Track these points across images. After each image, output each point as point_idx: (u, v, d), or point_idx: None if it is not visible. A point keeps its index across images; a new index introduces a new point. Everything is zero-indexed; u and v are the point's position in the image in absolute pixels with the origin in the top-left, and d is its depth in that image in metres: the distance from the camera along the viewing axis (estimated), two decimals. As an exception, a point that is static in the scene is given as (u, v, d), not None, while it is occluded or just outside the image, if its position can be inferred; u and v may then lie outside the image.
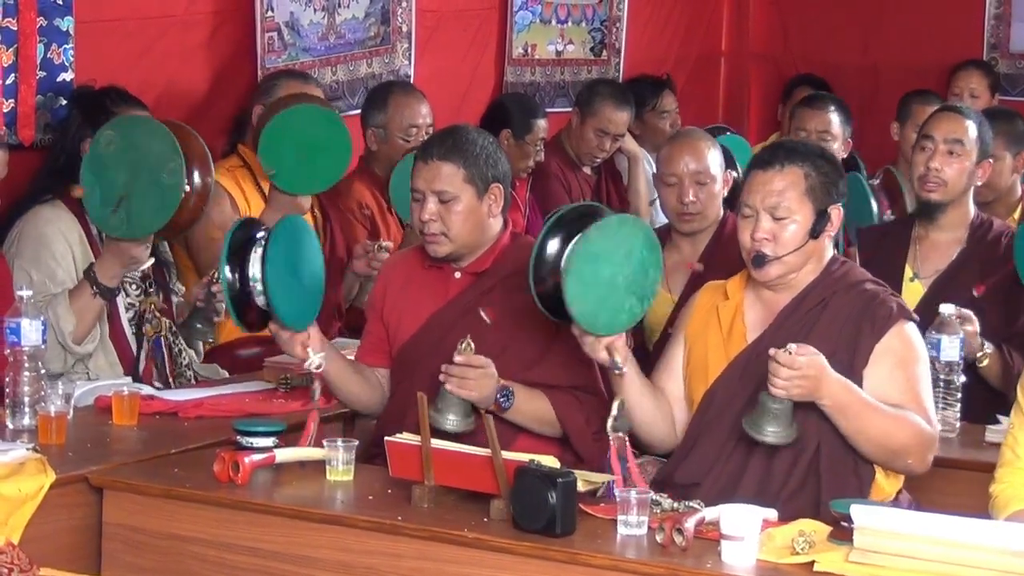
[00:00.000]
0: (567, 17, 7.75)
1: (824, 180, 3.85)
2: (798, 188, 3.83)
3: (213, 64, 5.93)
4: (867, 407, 3.72)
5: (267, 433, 3.87)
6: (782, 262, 3.84)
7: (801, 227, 3.83)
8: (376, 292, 4.36)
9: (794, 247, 3.83)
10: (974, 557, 3.15)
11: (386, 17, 6.56)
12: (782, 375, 3.63)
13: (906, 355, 3.82)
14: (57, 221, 4.74)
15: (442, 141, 4.15)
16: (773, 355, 3.64)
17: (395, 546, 3.56)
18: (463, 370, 3.94)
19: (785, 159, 3.86)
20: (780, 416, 3.68)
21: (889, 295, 3.90)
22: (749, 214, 3.87)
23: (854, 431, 3.73)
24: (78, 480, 3.84)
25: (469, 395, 3.95)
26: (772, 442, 3.70)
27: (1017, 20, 8.07)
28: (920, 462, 3.78)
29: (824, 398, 3.68)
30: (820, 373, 3.65)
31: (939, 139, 4.91)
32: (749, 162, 4.02)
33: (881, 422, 3.72)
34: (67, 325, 4.57)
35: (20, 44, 5.08)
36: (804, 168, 3.84)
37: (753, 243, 3.85)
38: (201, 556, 3.77)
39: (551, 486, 3.41)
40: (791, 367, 3.62)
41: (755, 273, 3.88)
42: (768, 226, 3.84)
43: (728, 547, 3.30)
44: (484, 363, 3.96)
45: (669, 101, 7.52)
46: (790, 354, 3.63)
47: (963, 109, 5.11)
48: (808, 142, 4.11)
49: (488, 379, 3.97)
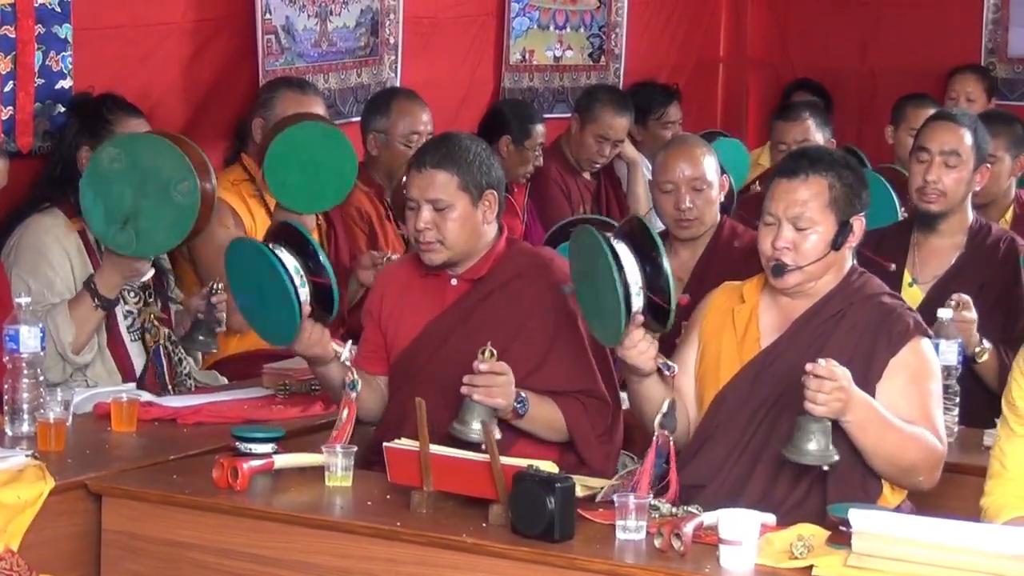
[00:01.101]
0: (565, 23, 7.75)
1: (847, 191, 3.83)
2: (822, 199, 3.80)
3: (212, 70, 5.93)
4: (886, 424, 3.69)
5: (266, 439, 3.87)
6: (802, 271, 3.83)
7: (823, 238, 3.82)
8: (373, 300, 4.36)
9: (815, 258, 3.82)
10: (972, 561, 3.15)
11: (375, 28, 6.56)
12: (825, 388, 3.57)
13: (920, 371, 3.81)
14: (55, 229, 4.74)
15: (435, 149, 4.15)
16: (811, 369, 3.58)
17: (394, 552, 3.56)
18: (489, 378, 3.91)
19: (810, 169, 3.82)
20: (822, 434, 3.60)
21: (906, 309, 3.88)
22: (771, 222, 3.85)
23: (872, 448, 3.70)
24: (77, 487, 3.84)
25: (495, 403, 3.92)
26: (817, 463, 3.62)
27: (1015, 25, 8.07)
28: (929, 479, 3.78)
29: (850, 414, 3.63)
30: (851, 388, 3.62)
31: (935, 151, 4.90)
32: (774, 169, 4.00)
33: (897, 439, 3.70)
34: (66, 335, 4.57)
35: (18, 51, 5.07)
36: (828, 179, 3.81)
37: (773, 251, 3.84)
38: (200, 562, 3.77)
39: (549, 491, 3.41)
40: (832, 378, 3.57)
41: (774, 281, 3.87)
42: (790, 235, 3.82)
43: (726, 552, 3.30)
44: (506, 369, 3.94)
45: (675, 111, 7.51)
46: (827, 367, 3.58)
47: (957, 116, 5.06)
48: (832, 150, 4.08)
49: (511, 386, 3.96)
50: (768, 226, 3.86)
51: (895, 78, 8.04)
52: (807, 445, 3.61)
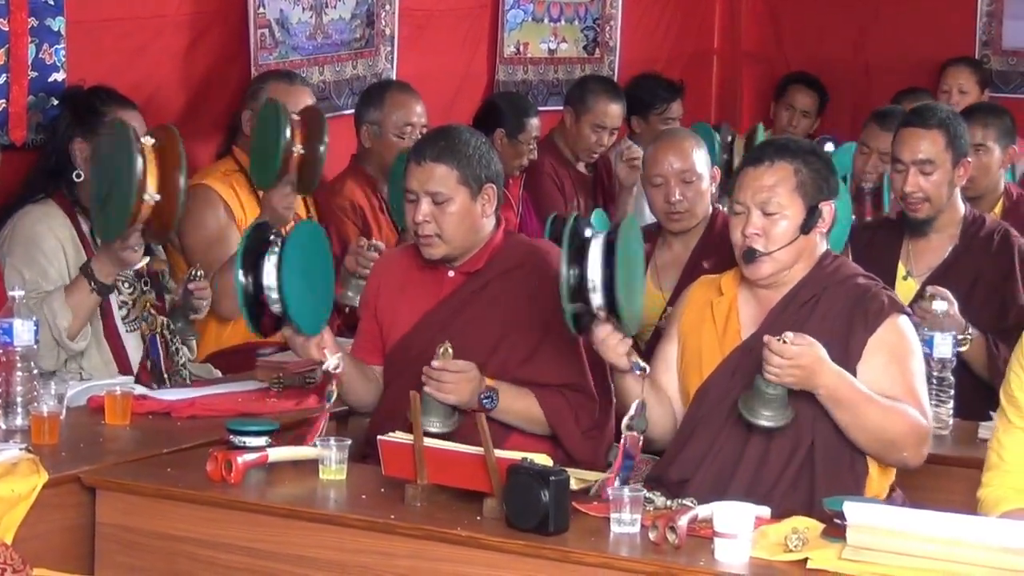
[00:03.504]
0: (560, 15, 7.75)
1: (815, 175, 3.85)
2: (788, 184, 3.83)
3: (205, 63, 5.92)
4: (864, 398, 3.72)
5: (260, 432, 3.87)
6: (773, 259, 3.84)
7: (792, 223, 3.84)
8: (370, 291, 4.36)
9: (784, 242, 3.83)
10: (967, 554, 3.15)
11: (371, 19, 6.56)
12: (774, 363, 3.65)
13: (900, 348, 3.83)
14: (48, 219, 4.74)
15: (435, 142, 4.14)
16: (767, 342, 3.66)
17: (388, 545, 3.56)
18: (440, 374, 3.96)
19: (775, 155, 3.86)
20: (774, 401, 3.69)
21: (881, 288, 3.90)
22: (740, 211, 3.88)
23: (850, 422, 3.73)
24: (71, 480, 3.83)
25: (446, 398, 3.97)
26: (766, 425, 3.71)
27: (1009, 17, 8.07)
28: (915, 455, 3.78)
29: (820, 387, 3.69)
30: (815, 363, 3.66)
31: (908, 161, 4.88)
32: (741, 160, 4.01)
33: (877, 414, 3.72)
34: (63, 321, 4.57)
35: (11, 44, 5.06)
36: (794, 164, 3.84)
37: (744, 239, 3.86)
38: (194, 555, 3.76)
39: (544, 484, 3.40)
40: (783, 355, 3.64)
41: (746, 270, 3.88)
42: (759, 222, 3.84)
43: (721, 545, 3.30)
44: (463, 367, 3.97)
45: (677, 108, 7.48)
46: (784, 343, 3.64)
47: (927, 117, 4.90)
48: (799, 139, 4.09)
49: (467, 383, 3.97)
50: (738, 215, 3.88)
51: (890, 71, 8.05)
52: (757, 406, 3.71)
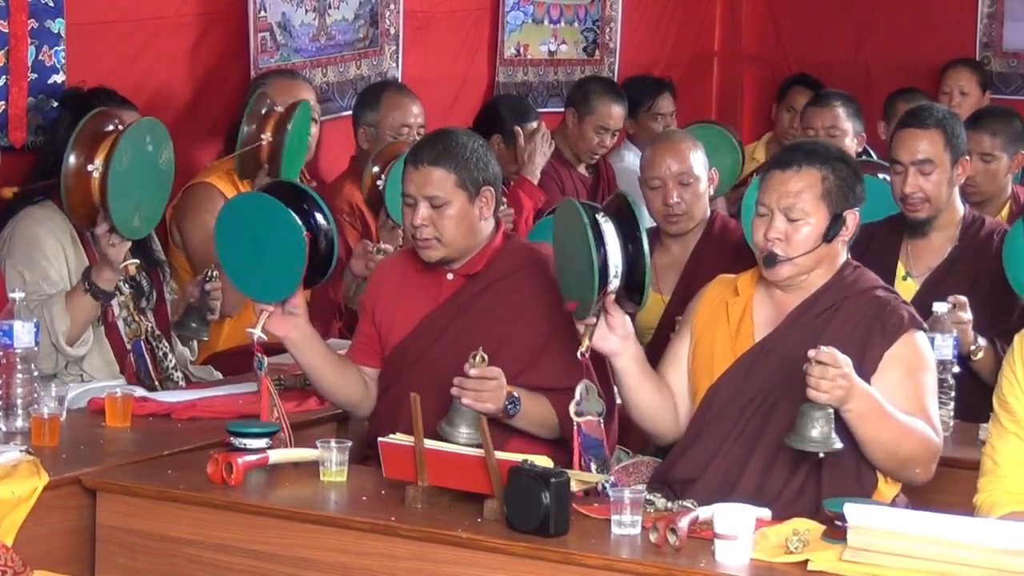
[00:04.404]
0: (560, 17, 7.75)
1: (841, 184, 3.83)
2: (814, 191, 3.81)
3: (205, 65, 5.93)
4: (886, 414, 3.68)
5: (260, 434, 3.87)
6: (793, 263, 3.83)
7: (815, 230, 3.81)
8: (369, 293, 4.36)
9: (806, 249, 3.81)
10: (967, 556, 3.15)
11: (375, 19, 6.56)
12: (828, 375, 3.56)
13: (915, 364, 3.81)
14: (48, 221, 4.73)
15: (432, 145, 4.13)
16: (814, 356, 3.57)
17: (389, 547, 3.56)
18: (480, 383, 3.89)
19: (803, 160, 3.83)
20: (825, 422, 3.58)
21: (900, 303, 3.87)
22: (764, 213, 3.85)
23: (871, 438, 3.69)
24: (71, 482, 3.83)
25: (485, 407, 3.89)
26: (820, 450, 3.61)
27: (1010, 19, 8.07)
28: (925, 472, 3.78)
29: (851, 403, 3.62)
30: (853, 375, 3.61)
31: (907, 161, 4.87)
32: (768, 161, 4.00)
33: (896, 430, 3.70)
34: (61, 326, 4.56)
35: (11, 46, 5.07)
36: (822, 171, 3.82)
37: (766, 242, 3.84)
38: (195, 557, 3.76)
39: (544, 486, 3.40)
40: (835, 364, 3.56)
41: (766, 272, 3.87)
42: (782, 226, 3.82)
43: (722, 546, 3.30)
44: (497, 374, 3.92)
45: (666, 104, 7.48)
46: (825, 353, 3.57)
47: (924, 118, 4.91)
48: (828, 144, 4.07)
49: (501, 389, 3.93)
50: (761, 217, 3.87)
51: (890, 73, 8.04)
52: (810, 432, 3.59)
